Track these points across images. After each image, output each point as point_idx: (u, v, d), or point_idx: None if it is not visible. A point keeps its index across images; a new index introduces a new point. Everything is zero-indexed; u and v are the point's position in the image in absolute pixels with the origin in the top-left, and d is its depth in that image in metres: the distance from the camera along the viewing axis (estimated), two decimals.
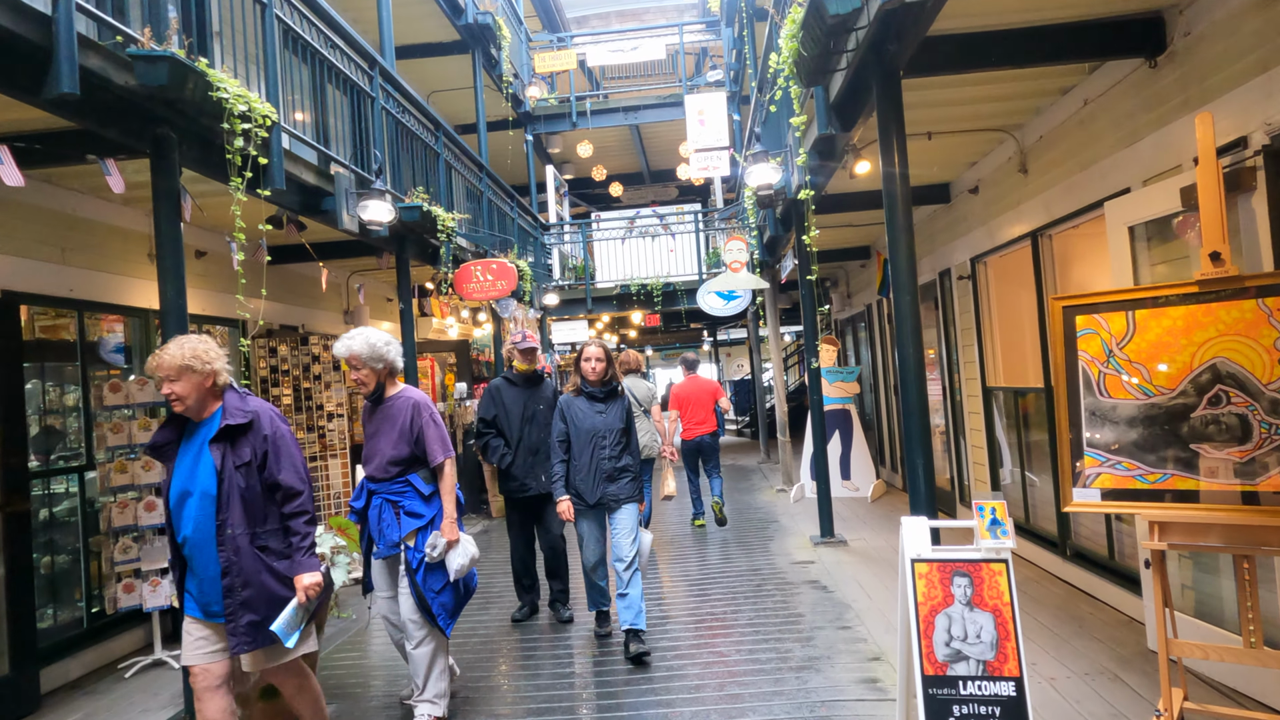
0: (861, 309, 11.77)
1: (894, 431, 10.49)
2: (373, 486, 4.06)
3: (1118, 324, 3.31)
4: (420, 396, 4.08)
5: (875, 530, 7.83)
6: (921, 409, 4.01)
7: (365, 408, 4.20)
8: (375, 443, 4.05)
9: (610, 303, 14.16)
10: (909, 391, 4.00)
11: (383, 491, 4.02)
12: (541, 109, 14.77)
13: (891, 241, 4.04)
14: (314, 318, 8.82)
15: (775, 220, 8.51)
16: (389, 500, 4.00)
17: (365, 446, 4.15)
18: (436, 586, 3.94)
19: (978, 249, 6.87)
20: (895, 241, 4.02)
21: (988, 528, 3.09)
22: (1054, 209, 5.37)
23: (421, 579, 3.91)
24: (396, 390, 4.09)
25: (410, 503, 3.98)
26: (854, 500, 9.56)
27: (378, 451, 4.02)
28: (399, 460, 3.98)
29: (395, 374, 4.11)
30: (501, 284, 8.57)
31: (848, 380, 10.07)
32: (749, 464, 14.18)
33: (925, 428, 4.01)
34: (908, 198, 4.07)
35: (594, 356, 4.91)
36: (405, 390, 4.10)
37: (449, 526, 3.96)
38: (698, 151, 13.65)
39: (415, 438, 3.97)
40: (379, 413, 4.08)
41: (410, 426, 3.98)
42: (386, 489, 4.01)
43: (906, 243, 4.02)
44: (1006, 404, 6.75)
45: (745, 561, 7.00)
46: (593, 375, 4.90)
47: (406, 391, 4.09)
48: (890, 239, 4.06)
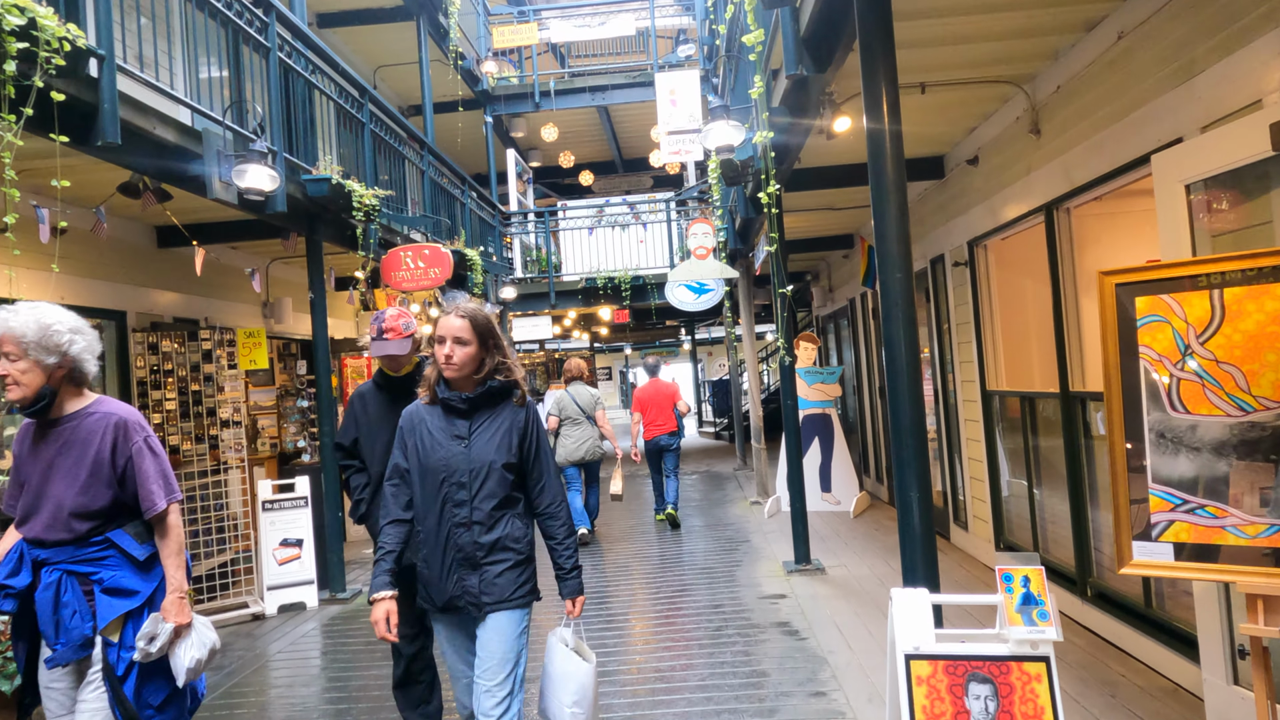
0: (844, 304, 10.80)
1: (879, 438, 9.52)
2: (41, 554, 2.68)
3: (1198, 308, 2.32)
4: (126, 412, 2.78)
5: (858, 553, 6.84)
6: (915, 425, 3.01)
7: (22, 431, 2.78)
8: (46, 485, 2.67)
9: (575, 297, 13.13)
10: (900, 402, 3.00)
11: (62, 561, 2.66)
12: (502, 88, 13.70)
13: (878, 205, 3.04)
14: (222, 311, 7.73)
15: (746, 201, 7.51)
16: (73, 573, 2.66)
17: (16, 495, 2.74)
18: (155, 700, 2.72)
19: (977, 230, 5.89)
20: (882, 204, 3.02)
21: (1018, 607, 2.09)
22: (1075, 174, 4.39)
23: (132, 690, 2.66)
24: (83, 404, 2.75)
25: (113, 574, 2.68)
26: (834, 515, 8.58)
27: (49, 499, 2.66)
28: (90, 512, 2.66)
29: (82, 380, 2.75)
30: (435, 272, 7.52)
31: (828, 382, 9.09)
32: (724, 470, 13.19)
33: (920, 451, 3.00)
34: (899, 151, 3.07)
35: (451, 335, 2.63)
36: (100, 404, 2.78)
37: (176, 605, 2.72)
38: (669, 134, 12.61)
39: (120, 475, 2.70)
40: (51, 437, 2.70)
41: (110, 459, 2.68)
42: (70, 556, 2.66)
43: (897, 204, 3.02)
44: (1010, 411, 5.77)
45: (706, 594, 5.99)
46: (451, 369, 2.65)
47: (102, 405, 2.77)
48: (876, 202, 3.06)
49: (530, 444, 2.75)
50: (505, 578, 2.66)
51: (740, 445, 13.70)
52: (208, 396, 6.32)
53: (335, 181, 6.16)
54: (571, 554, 2.80)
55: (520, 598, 2.69)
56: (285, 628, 5.95)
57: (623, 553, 7.65)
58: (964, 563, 6.31)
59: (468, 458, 2.64)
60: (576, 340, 22.16)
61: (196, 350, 6.32)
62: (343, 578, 6.63)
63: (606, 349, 31.81)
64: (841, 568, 6.43)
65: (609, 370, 34.75)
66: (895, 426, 3.04)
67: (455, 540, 2.64)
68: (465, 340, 2.64)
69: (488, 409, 2.72)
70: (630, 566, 7.12)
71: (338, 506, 6.60)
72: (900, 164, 3.05)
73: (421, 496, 2.70)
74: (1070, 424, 4.69)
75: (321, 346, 6.61)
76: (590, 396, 8.16)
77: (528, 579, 2.74)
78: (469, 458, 2.64)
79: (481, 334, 2.67)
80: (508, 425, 2.71)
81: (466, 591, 2.65)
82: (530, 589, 2.74)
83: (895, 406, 3.03)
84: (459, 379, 2.68)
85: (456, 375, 2.66)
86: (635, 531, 8.60)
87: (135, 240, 6.54)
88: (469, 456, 2.64)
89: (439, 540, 2.66)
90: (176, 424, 6.19)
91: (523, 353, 17.83)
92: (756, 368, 10.43)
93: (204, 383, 6.32)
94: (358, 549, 8.46)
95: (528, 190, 15.32)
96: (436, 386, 2.70)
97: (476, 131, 14.11)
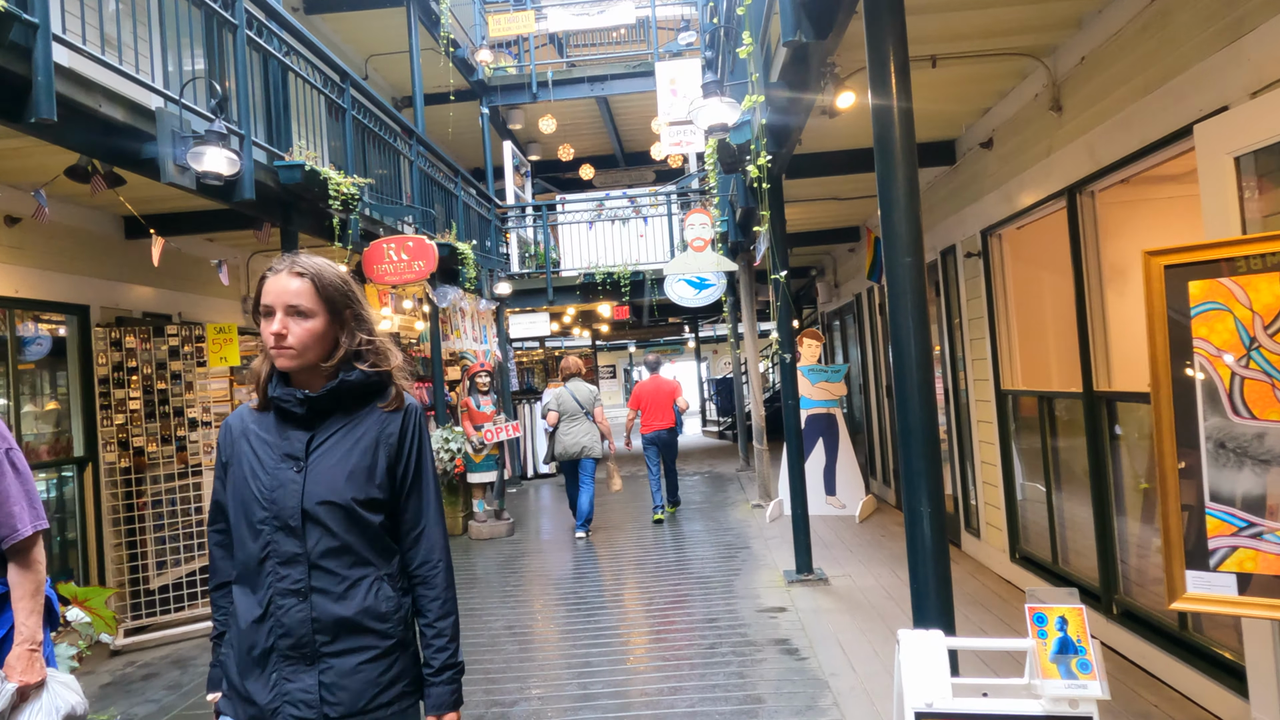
0: (850, 299, 10.41)
1: (886, 439, 9.13)
2: None
3: (1267, 293, 1.95)
4: None
5: (864, 562, 6.46)
6: (927, 429, 2.64)
7: None
8: None
9: (574, 293, 12.76)
10: (909, 402, 2.63)
11: None
12: (499, 78, 13.34)
13: (884, 180, 2.68)
14: (198, 306, 7.39)
15: (746, 190, 7.12)
16: None
17: None
18: None
19: (991, 219, 5.51)
20: (889, 180, 2.66)
21: (1054, 656, 1.72)
22: (1102, 153, 4.00)
23: None
24: None
25: None
26: (838, 520, 8.20)
27: None
28: None
29: None
30: (419, 264, 7.16)
31: (833, 380, 8.70)
32: (727, 471, 12.81)
33: (932, 458, 2.63)
34: (908, 120, 2.71)
35: (283, 303, 1.73)
36: None
37: (25, 659, 2.21)
38: (670, 125, 12.27)
39: None
40: None
41: None
42: None
43: (906, 179, 2.66)
44: (1027, 411, 5.39)
45: (701, 606, 5.63)
46: (285, 355, 1.73)
47: None
48: (881, 177, 2.69)
49: (406, 467, 1.80)
50: (363, 675, 1.71)
51: (743, 446, 13.33)
52: (175, 396, 5.97)
53: (309, 168, 5.80)
54: (447, 643, 1.80)
55: (388, 706, 1.73)
56: None
57: (617, 559, 7.29)
58: (976, 573, 5.92)
59: (302, 488, 1.72)
60: (578, 338, 21.81)
61: (163, 346, 5.96)
62: None
63: (609, 347, 31.48)
64: (846, 578, 6.06)
65: (612, 369, 34.40)
66: (903, 430, 2.67)
67: (280, 617, 1.70)
68: (306, 311, 1.71)
69: (341, 415, 1.78)
70: (624, 574, 6.76)
71: None
72: (909, 133, 2.68)
73: (237, 548, 1.79)
74: (1094, 426, 4.30)
75: None
76: (589, 393, 8.45)
77: (401, 676, 1.76)
78: (305, 488, 1.72)
79: (331, 301, 1.74)
80: (371, 440, 1.77)
81: (294, 701, 1.69)
82: (406, 695, 1.77)
83: (904, 408, 2.66)
84: (299, 369, 1.75)
85: (293, 364, 1.73)
86: (631, 535, 8.24)
87: (100, 230, 6.21)
88: (305, 486, 1.72)
89: (253, 615, 1.73)
90: (141, 425, 5.85)
91: (520, 350, 17.49)
92: (758, 366, 10.05)
93: (170, 381, 5.97)
94: None
95: (526, 184, 14.96)
96: (268, 384, 1.79)
97: (472, 123, 13.75)
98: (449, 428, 8.88)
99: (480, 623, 5.60)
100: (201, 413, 6.07)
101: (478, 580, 6.84)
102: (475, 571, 7.19)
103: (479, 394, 8.89)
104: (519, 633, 5.35)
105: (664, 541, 7.88)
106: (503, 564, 7.43)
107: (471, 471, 8.67)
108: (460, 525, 8.89)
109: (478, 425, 8.73)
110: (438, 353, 9.40)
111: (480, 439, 8.60)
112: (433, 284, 9.21)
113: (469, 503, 8.97)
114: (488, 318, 12.27)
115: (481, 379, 8.89)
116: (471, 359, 9.18)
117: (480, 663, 4.80)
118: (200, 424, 6.07)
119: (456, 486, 8.87)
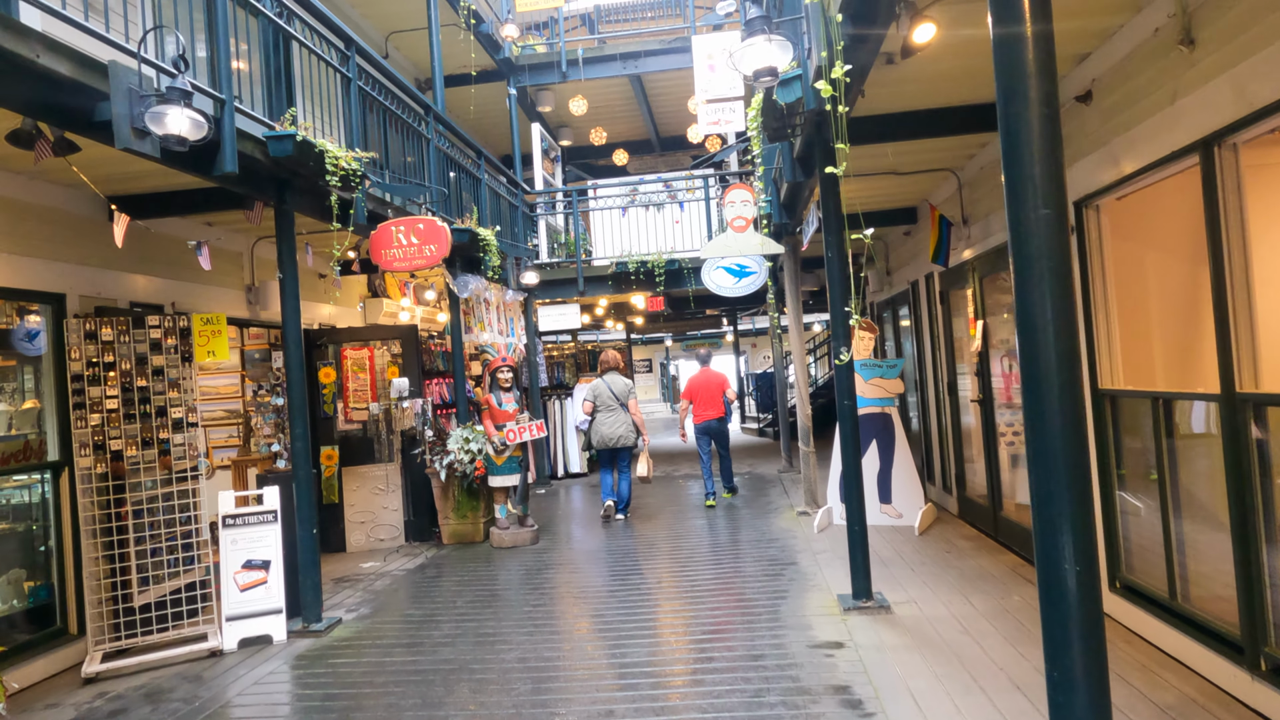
0: (904, 287, 9.55)
1: (946, 440, 8.29)
2: None
3: None
4: None
5: (930, 585, 5.66)
6: (1070, 448, 1.88)
7: None
8: None
9: (605, 283, 12.05)
10: (1043, 405, 1.87)
11: None
12: (526, 57, 12.67)
13: (1009, 100, 1.90)
14: (195, 296, 6.82)
15: (793, 163, 6.34)
16: None
17: None
18: None
19: (1087, 187, 4.66)
20: (1015, 97, 1.88)
21: None
22: (1256, 92, 3.16)
23: None
24: None
25: None
26: (895, 532, 7.39)
27: None
28: None
29: None
30: (431, 249, 6.50)
31: (888, 376, 7.87)
32: (768, 472, 12.01)
33: (1080, 489, 1.87)
34: (1043, 6, 1.93)
35: None
36: None
37: None
38: (708, 102, 11.47)
39: None
40: None
41: None
42: None
43: (1043, 95, 1.88)
44: (1133, 416, 4.54)
45: (744, 638, 4.88)
46: None
47: None
48: (1006, 96, 1.92)
49: None
50: None
51: (785, 444, 12.51)
52: (157, 394, 5.39)
53: (301, 138, 5.16)
54: None
55: None
56: (242, 667, 5.01)
57: (649, 574, 6.57)
58: None
59: None
60: (611, 331, 21.13)
61: (143, 338, 5.38)
62: (318, 605, 5.67)
63: (644, 341, 30.76)
64: (910, 604, 5.27)
65: (648, 362, 33.69)
66: (1037, 452, 1.91)
67: None
68: None
69: None
70: (656, 594, 6.04)
71: (312, 521, 5.64)
72: (1047, 30, 1.90)
73: None
74: (1235, 435, 3.47)
75: (293, 335, 5.64)
76: (624, 385, 8.88)
77: None
78: None
79: None
80: None
81: None
82: None
83: (1037, 420, 1.90)
84: None
85: None
86: (666, 547, 7.52)
87: (79, 211, 5.64)
88: None
89: None
90: (119, 426, 5.27)
91: (551, 344, 16.84)
92: (804, 360, 9.25)
93: (152, 377, 5.38)
94: (352, 562, 7.54)
95: (556, 170, 14.28)
96: None
97: (499, 106, 13.12)
98: (469, 426, 8.24)
99: (492, 652, 4.93)
100: (187, 413, 5.47)
101: (496, 598, 6.18)
102: (494, 585, 6.53)
103: (500, 391, 8.23)
104: (534, 667, 4.66)
105: (701, 554, 7.14)
106: (524, 577, 6.76)
107: (493, 474, 8.01)
108: (481, 532, 8.25)
109: (499, 425, 8.07)
110: (459, 345, 8.77)
111: (501, 439, 7.95)
112: (453, 272, 8.58)
113: (490, 508, 8.32)
114: (515, 309, 11.62)
115: (503, 374, 8.23)
116: (492, 353, 8.51)
117: (487, 705, 4.12)
118: (186, 425, 5.48)
119: (477, 490, 8.23)
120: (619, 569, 6.83)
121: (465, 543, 8.21)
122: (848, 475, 5.40)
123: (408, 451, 8.39)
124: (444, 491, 8.29)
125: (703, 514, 9.03)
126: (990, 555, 6.37)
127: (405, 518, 8.42)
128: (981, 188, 6.62)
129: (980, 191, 6.66)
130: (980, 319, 6.91)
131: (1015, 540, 6.38)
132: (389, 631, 5.52)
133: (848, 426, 5.40)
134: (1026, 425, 1.95)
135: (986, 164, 6.40)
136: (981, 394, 6.97)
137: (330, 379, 8.49)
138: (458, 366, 8.80)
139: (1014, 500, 6.67)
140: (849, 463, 5.41)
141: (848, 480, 5.39)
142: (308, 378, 8.49)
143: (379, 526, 8.35)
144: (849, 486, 5.37)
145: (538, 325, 12.49)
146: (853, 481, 5.35)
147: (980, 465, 7.27)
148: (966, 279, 7.15)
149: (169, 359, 5.43)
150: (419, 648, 5.14)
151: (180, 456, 5.46)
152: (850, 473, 5.37)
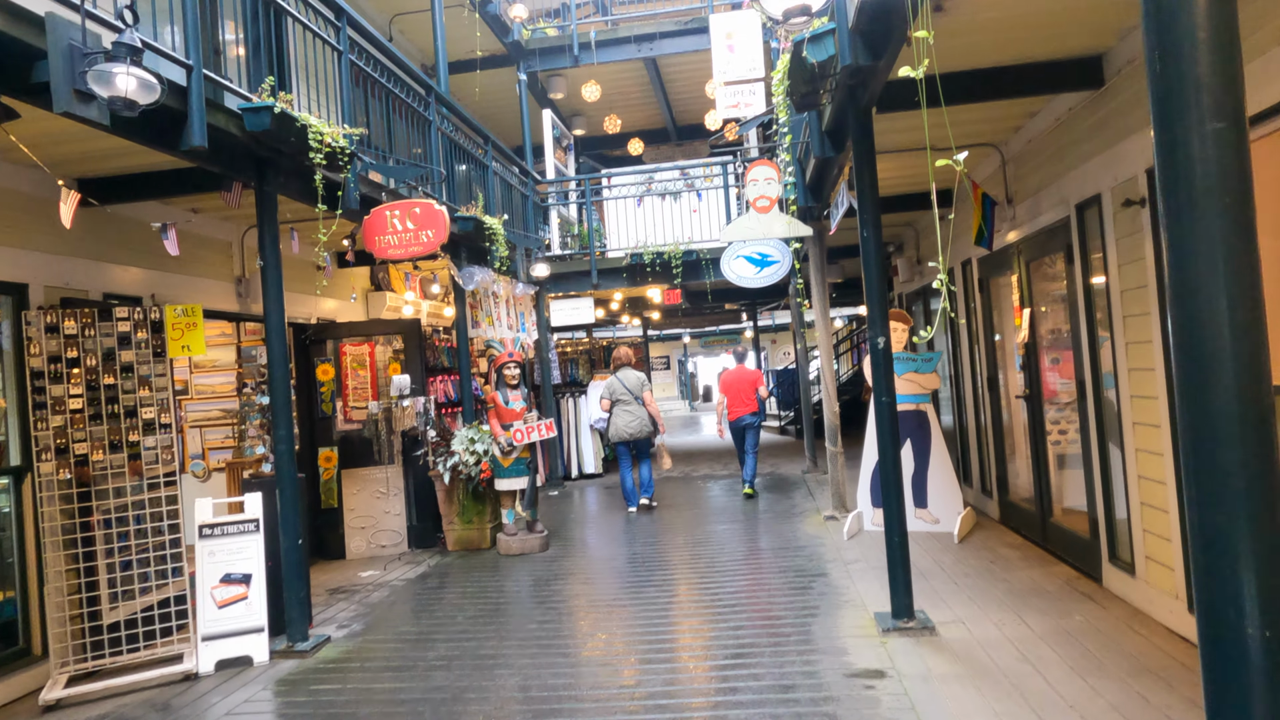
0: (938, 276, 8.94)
1: (985, 439, 7.70)
2: None
3: None
4: None
5: (976, 600, 5.10)
6: (1254, 460, 1.32)
7: None
8: None
9: (620, 276, 11.51)
10: (1209, 407, 1.32)
11: None
12: (537, 41, 12.16)
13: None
14: (179, 288, 6.36)
15: (821, 136, 5.79)
16: None
17: None
18: None
19: (1263, 101, 4.07)
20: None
21: None
22: None
23: None
24: None
25: None
26: (932, 539, 6.82)
27: None
28: None
29: None
30: (428, 234, 6.01)
31: (924, 371, 7.30)
32: (792, 473, 11.45)
33: (1272, 525, 1.32)
34: None
35: None
36: None
37: None
38: (727, 85, 10.91)
39: None
40: None
41: None
42: None
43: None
44: None
45: (771, 664, 4.35)
46: None
47: None
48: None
49: None
50: None
51: (810, 443, 11.94)
52: (126, 393, 4.93)
53: (280, 110, 4.68)
54: None
55: None
56: (216, 694, 4.54)
57: (666, 585, 6.05)
58: (1133, 623, 4.51)
59: None
60: (627, 326, 20.61)
61: (110, 332, 4.92)
62: (304, 622, 5.20)
63: (661, 337, 30.23)
64: (957, 624, 4.71)
65: (666, 359, 33.14)
66: (1197, 462, 1.36)
67: None
68: None
69: None
70: (674, 609, 5.53)
71: (298, 531, 5.17)
72: None
73: None
74: None
75: (275, 326, 5.17)
76: (637, 379, 9.07)
77: None
78: None
79: None
80: None
81: None
82: None
83: (1196, 415, 1.36)
84: None
85: None
86: (685, 553, 6.99)
87: (41, 194, 5.18)
88: None
89: None
90: (84, 427, 4.82)
91: (565, 339, 16.34)
92: (831, 355, 8.69)
93: (121, 375, 4.93)
94: (351, 571, 7.07)
95: (569, 160, 13.77)
96: None
97: (508, 93, 12.62)
98: (475, 426, 7.76)
99: (490, 678, 4.43)
100: (159, 414, 5.01)
101: (499, 612, 5.68)
102: (499, 599, 6.03)
103: (507, 388, 7.74)
104: (535, 697, 4.15)
105: (723, 563, 6.61)
106: (531, 588, 6.27)
107: (499, 477, 7.52)
108: (487, 538, 7.77)
109: (506, 424, 7.58)
110: (464, 340, 8.28)
111: (508, 439, 7.45)
112: (458, 263, 8.09)
113: (497, 512, 7.83)
114: (526, 303, 11.13)
115: (510, 370, 7.73)
116: (498, 347, 8.01)
117: None
118: (159, 427, 5.02)
119: (483, 494, 7.74)
120: (633, 580, 6.32)
121: (471, 549, 7.73)
122: (886, 480, 4.85)
123: (410, 453, 7.91)
124: (448, 495, 7.82)
125: (723, 517, 8.50)
126: (1041, 566, 5.79)
127: (408, 523, 7.96)
128: (1029, 162, 6.03)
129: (1027, 167, 6.07)
130: (1026, 307, 6.33)
131: (1069, 550, 5.80)
132: (380, 652, 5.03)
133: (885, 426, 4.85)
134: (1181, 433, 1.41)
135: (1035, 135, 5.82)
136: (1029, 389, 6.39)
137: (329, 376, 8.04)
138: (464, 363, 8.32)
139: (1063, 504, 6.10)
140: (888, 466, 4.86)
141: (886, 485, 4.85)
142: (305, 375, 8.07)
143: (380, 532, 7.88)
144: (888, 492, 4.82)
145: (550, 320, 12.01)
146: (892, 487, 4.80)
147: (1025, 466, 6.69)
148: (1011, 264, 6.56)
149: (139, 354, 4.97)
150: (410, 672, 4.65)
151: (153, 461, 5.00)
152: (889, 477, 4.82)
